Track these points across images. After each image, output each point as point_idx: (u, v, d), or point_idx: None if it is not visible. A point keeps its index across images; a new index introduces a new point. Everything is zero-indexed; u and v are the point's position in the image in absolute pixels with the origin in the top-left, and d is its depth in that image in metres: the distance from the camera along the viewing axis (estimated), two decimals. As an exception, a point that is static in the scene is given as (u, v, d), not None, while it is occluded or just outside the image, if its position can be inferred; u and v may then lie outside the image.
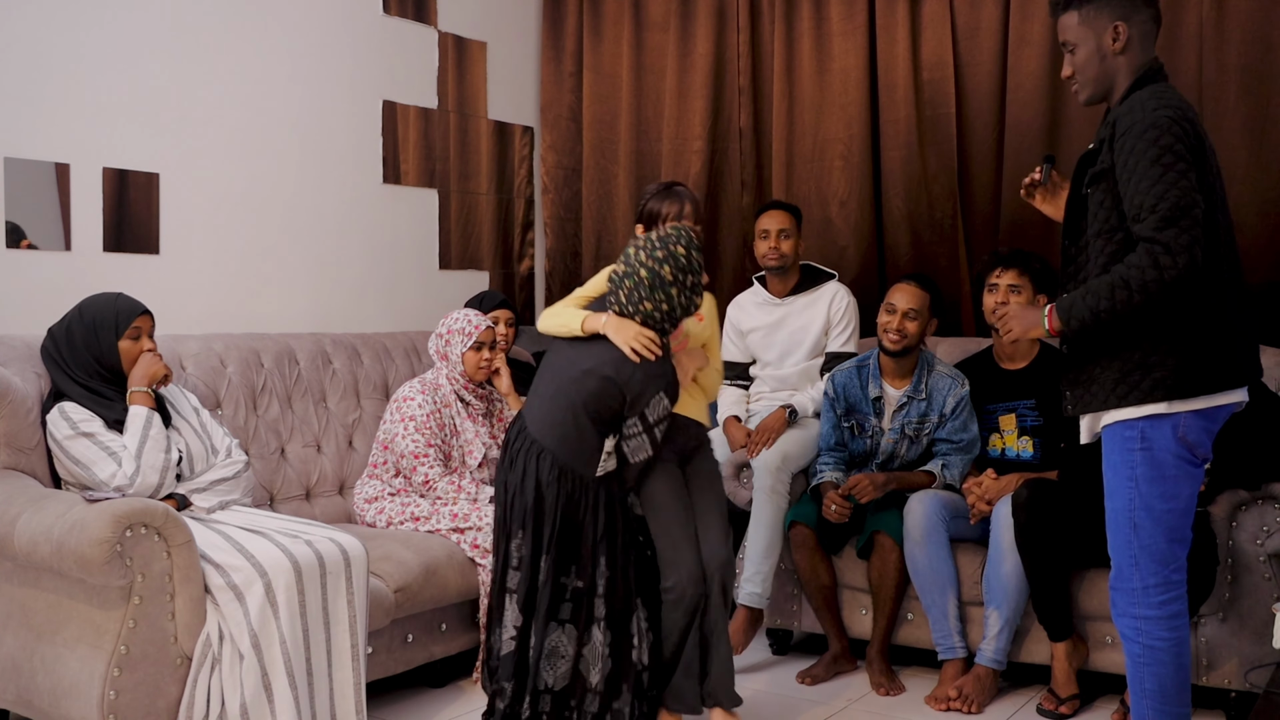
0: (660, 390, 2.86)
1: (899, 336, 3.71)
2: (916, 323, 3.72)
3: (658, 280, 2.82)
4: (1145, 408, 2.45)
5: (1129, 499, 2.49)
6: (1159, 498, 2.47)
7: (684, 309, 2.88)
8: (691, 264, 2.85)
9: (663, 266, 2.82)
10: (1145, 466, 2.46)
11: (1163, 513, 2.47)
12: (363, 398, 4.11)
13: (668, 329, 2.90)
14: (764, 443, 3.88)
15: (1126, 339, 2.47)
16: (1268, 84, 3.92)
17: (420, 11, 4.75)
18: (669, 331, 2.93)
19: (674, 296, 2.84)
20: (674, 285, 2.83)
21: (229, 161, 4.07)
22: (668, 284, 2.82)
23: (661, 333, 2.89)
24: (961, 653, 3.53)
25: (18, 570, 2.89)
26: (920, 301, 3.72)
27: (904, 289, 3.75)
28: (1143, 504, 2.48)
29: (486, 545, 3.56)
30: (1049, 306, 2.57)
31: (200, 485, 3.13)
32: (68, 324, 3.14)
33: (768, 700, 3.56)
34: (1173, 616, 2.49)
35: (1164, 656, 2.48)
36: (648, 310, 2.85)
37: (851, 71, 4.61)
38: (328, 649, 2.90)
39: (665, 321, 2.87)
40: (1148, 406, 2.44)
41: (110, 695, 2.67)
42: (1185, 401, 2.43)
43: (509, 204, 5.18)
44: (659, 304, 2.83)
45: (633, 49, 5.12)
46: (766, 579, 3.79)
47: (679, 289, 2.84)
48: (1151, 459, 2.46)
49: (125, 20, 3.75)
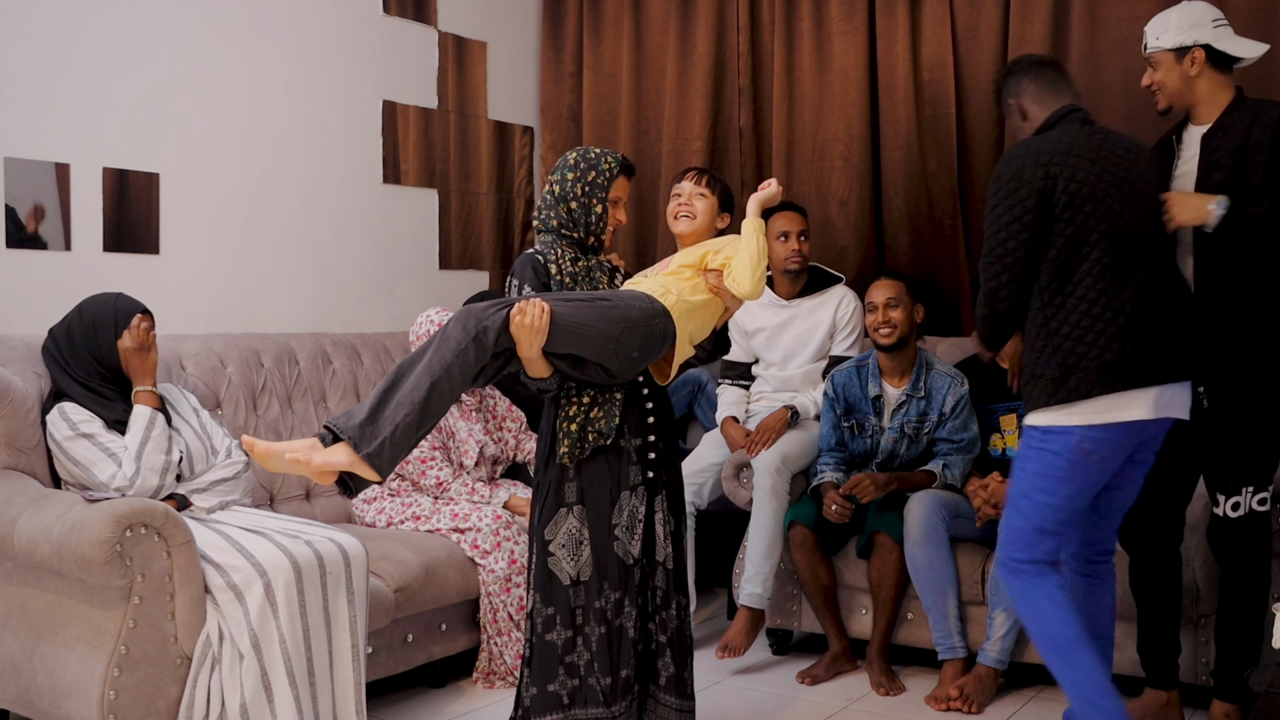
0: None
1: (888, 329, 3.73)
2: (900, 309, 3.74)
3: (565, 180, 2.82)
4: (1043, 415, 2.75)
5: (1017, 482, 2.81)
6: (1039, 490, 2.76)
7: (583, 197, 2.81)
8: (596, 157, 2.82)
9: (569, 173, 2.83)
10: (1036, 461, 2.76)
11: (1041, 504, 2.76)
12: (363, 398, 4.11)
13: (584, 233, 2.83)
14: (764, 442, 3.88)
15: (1030, 348, 2.81)
16: (1267, 84, 3.91)
17: (420, 11, 4.75)
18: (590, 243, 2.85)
19: (569, 180, 2.80)
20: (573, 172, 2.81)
21: (229, 161, 4.07)
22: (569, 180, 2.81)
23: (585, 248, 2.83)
24: (962, 653, 3.53)
25: (18, 570, 2.89)
26: (895, 289, 3.75)
27: (876, 285, 3.81)
28: (1025, 490, 2.78)
29: (486, 545, 3.56)
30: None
31: (200, 485, 3.13)
32: (68, 323, 3.14)
33: (768, 700, 3.56)
34: (1038, 584, 2.77)
35: (1039, 606, 2.77)
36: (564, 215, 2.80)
37: (851, 71, 4.61)
38: (328, 649, 2.90)
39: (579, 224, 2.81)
40: (1044, 414, 2.74)
41: (110, 695, 2.67)
42: (1078, 414, 2.69)
43: (509, 204, 5.18)
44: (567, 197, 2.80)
45: (633, 49, 5.12)
46: (767, 579, 3.79)
47: (579, 180, 2.81)
48: (1043, 455, 2.74)
49: (126, 20, 3.75)
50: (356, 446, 2.35)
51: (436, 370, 2.42)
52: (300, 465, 2.35)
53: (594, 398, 2.72)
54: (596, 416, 2.71)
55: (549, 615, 2.72)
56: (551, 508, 2.74)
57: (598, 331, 2.57)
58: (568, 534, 2.72)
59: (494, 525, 3.60)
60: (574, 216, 2.81)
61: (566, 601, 2.70)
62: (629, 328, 2.59)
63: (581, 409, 2.71)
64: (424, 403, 2.40)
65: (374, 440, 2.36)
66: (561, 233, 2.82)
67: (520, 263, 2.81)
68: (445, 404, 2.45)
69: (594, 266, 2.84)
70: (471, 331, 2.46)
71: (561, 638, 2.70)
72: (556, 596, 2.71)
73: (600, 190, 2.81)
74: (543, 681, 2.71)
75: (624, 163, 2.86)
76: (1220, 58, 2.96)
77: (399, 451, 2.39)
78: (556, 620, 2.71)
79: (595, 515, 2.71)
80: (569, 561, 2.71)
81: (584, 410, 2.71)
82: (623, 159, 2.86)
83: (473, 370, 2.48)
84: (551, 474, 2.75)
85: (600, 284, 2.81)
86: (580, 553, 2.71)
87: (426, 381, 2.41)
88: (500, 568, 3.55)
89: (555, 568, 2.71)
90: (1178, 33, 2.96)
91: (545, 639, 2.71)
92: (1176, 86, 2.99)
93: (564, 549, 2.71)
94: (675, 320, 2.67)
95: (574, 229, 2.82)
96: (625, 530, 2.72)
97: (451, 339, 2.45)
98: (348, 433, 2.36)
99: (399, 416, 2.38)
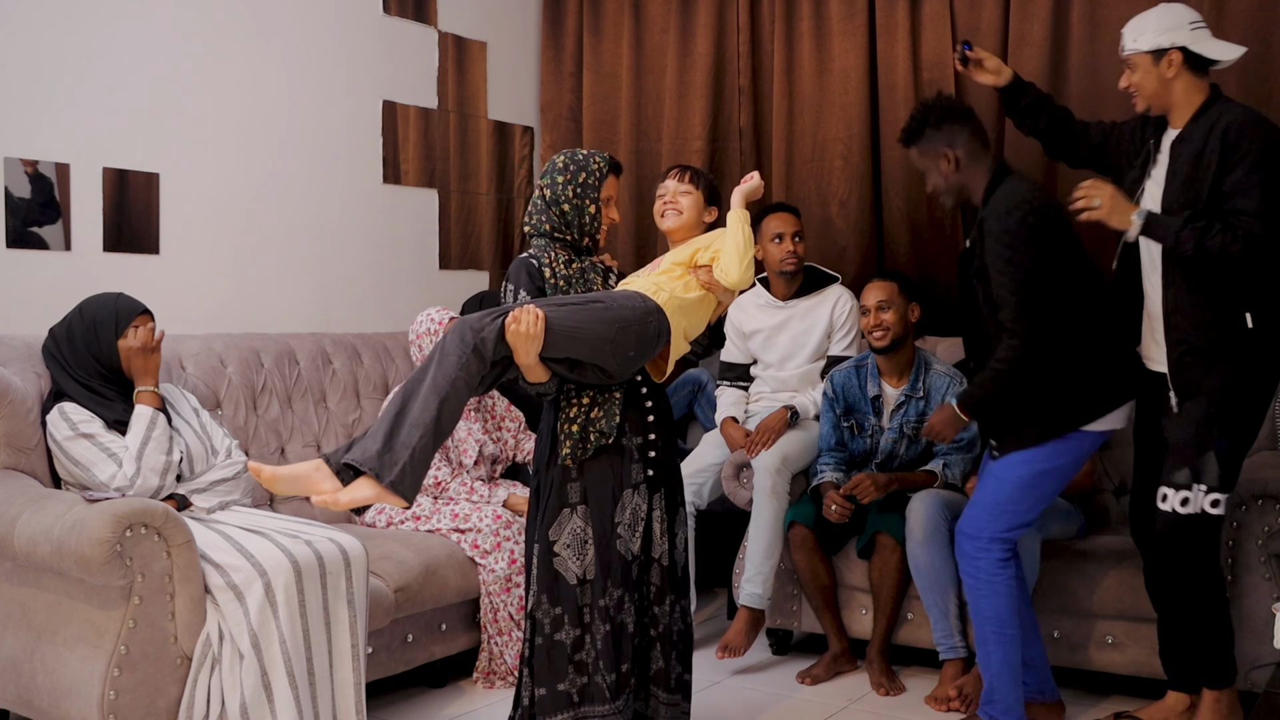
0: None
1: (881, 331, 3.74)
2: (892, 311, 3.74)
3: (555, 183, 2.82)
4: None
5: (1021, 477, 3.08)
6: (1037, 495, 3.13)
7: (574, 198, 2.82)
8: (584, 158, 2.83)
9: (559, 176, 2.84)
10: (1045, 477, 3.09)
11: (1036, 501, 3.13)
12: (363, 398, 4.11)
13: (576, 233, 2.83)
14: (764, 443, 3.88)
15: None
16: (1268, 84, 3.92)
17: (420, 11, 4.75)
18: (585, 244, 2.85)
19: (559, 183, 2.81)
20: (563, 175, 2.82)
21: (229, 161, 4.07)
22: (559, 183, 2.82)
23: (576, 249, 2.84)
24: (962, 653, 3.53)
25: (18, 570, 2.89)
26: (887, 291, 3.76)
27: (869, 288, 3.82)
28: (1026, 488, 3.09)
29: (486, 545, 3.56)
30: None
31: (200, 486, 3.13)
32: (68, 323, 3.14)
33: (768, 700, 3.56)
34: (1005, 564, 3.10)
35: (999, 588, 3.09)
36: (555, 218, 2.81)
37: (851, 71, 4.61)
38: (328, 649, 2.90)
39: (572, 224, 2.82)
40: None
41: (110, 695, 2.67)
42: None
43: (509, 204, 5.18)
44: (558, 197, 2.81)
45: (633, 49, 5.11)
46: (767, 580, 3.79)
47: (569, 182, 2.81)
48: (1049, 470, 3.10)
49: (126, 20, 3.75)
50: (379, 477, 2.37)
51: (443, 388, 2.43)
52: (328, 503, 2.38)
53: (594, 398, 2.73)
54: (597, 416, 2.71)
55: (557, 615, 2.72)
56: (555, 509, 2.74)
57: (593, 334, 2.58)
58: (572, 534, 2.72)
59: (494, 525, 3.60)
60: (567, 219, 2.81)
61: (574, 600, 2.71)
62: (623, 328, 2.60)
63: (582, 410, 2.71)
64: (435, 421, 2.42)
65: (394, 467, 2.38)
66: (555, 236, 2.83)
67: (515, 268, 2.81)
68: (455, 418, 2.48)
69: (588, 268, 2.84)
70: (470, 343, 2.48)
71: (570, 636, 2.71)
72: (564, 596, 2.72)
73: (592, 191, 2.82)
74: (552, 681, 2.71)
75: (612, 162, 2.88)
76: (1197, 60, 2.97)
77: (419, 474, 2.42)
78: (565, 620, 2.72)
79: (599, 514, 2.72)
80: (575, 561, 2.72)
81: (584, 411, 2.71)
82: (610, 158, 2.88)
83: (475, 381, 2.50)
84: (553, 475, 2.76)
85: (595, 285, 2.82)
86: (585, 552, 2.72)
87: (435, 401, 2.42)
88: (501, 567, 3.55)
89: (561, 568, 2.72)
90: (1155, 35, 2.96)
91: (554, 639, 2.72)
92: (1154, 88, 3.00)
93: (569, 549, 2.72)
94: (669, 317, 2.68)
95: (567, 231, 2.82)
96: (628, 528, 2.73)
97: (451, 353, 2.46)
98: (368, 465, 2.37)
99: (414, 440, 2.40)
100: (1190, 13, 3.00)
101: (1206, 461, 2.93)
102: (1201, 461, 2.93)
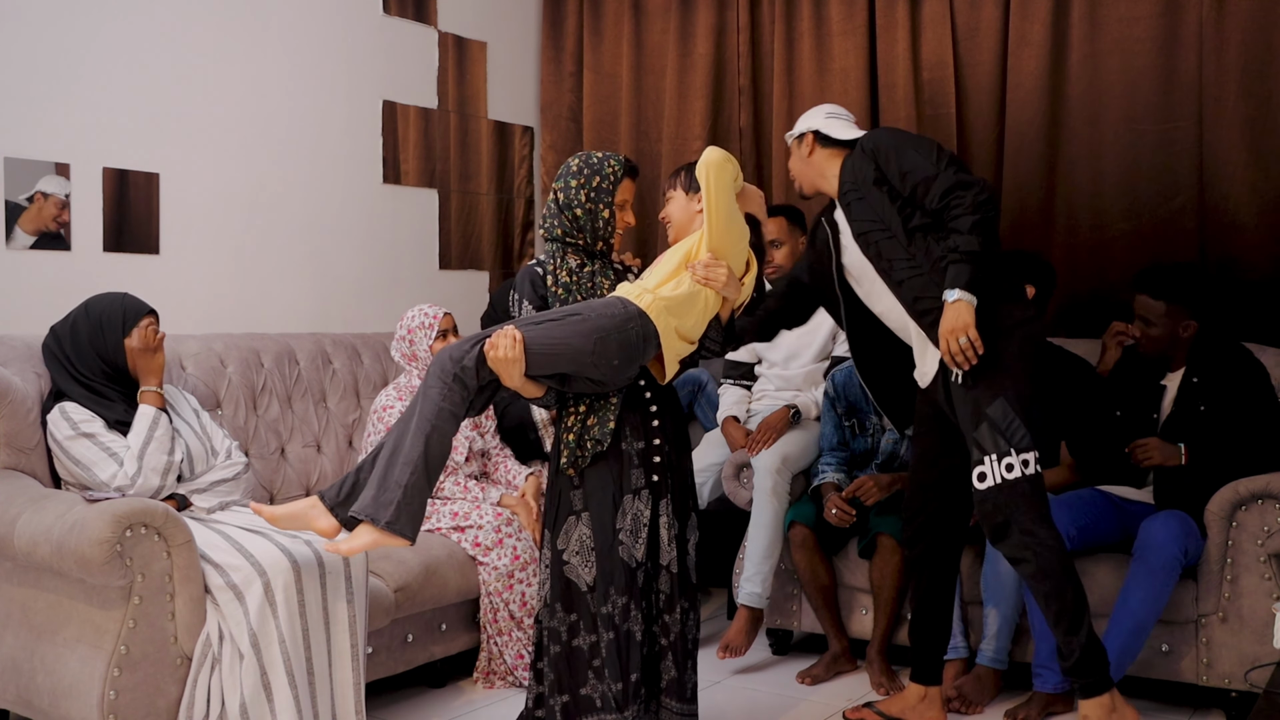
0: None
1: None
2: None
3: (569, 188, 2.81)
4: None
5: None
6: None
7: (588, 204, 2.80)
8: (599, 162, 2.82)
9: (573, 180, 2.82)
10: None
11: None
12: (363, 398, 4.11)
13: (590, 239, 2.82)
14: (765, 442, 3.88)
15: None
16: (1268, 84, 3.92)
17: (420, 11, 4.75)
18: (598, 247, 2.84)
19: (573, 187, 2.79)
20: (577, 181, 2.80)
21: (229, 161, 4.07)
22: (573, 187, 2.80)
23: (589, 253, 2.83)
24: (963, 653, 3.53)
25: (18, 570, 2.89)
26: None
27: None
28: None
29: (488, 542, 3.57)
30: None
31: (200, 486, 3.13)
32: (73, 321, 3.14)
33: (768, 700, 3.56)
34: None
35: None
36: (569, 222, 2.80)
37: (851, 71, 4.61)
38: (327, 649, 2.90)
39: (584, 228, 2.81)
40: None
41: (110, 695, 2.67)
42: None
43: (509, 204, 5.18)
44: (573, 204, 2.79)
45: (633, 49, 5.12)
46: (766, 579, 3.79)
47: (583, 188, 2.79)
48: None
49: (125, 20, 3.75)
50: (374, 521, 2.48)
51: (428, 422, 2.52)
52: (333, 548, 2.53)
53: (590, 406, 2.73)
54: (592, 424, 2.72)
55: (573, 622, 2.72)
56: (562, 517, 2.75)
57: (571, 348, 2.59)
58: (579, 541, 2.73)
59: (495, 522, 3.60)
60: (579, 223, 2.79)
61: (588, 607, 2.72)
62: (602, 338, 2.59)
63: (578, 418, 2.73)
64: (424, 456, 2.50)
65: (389, 508, 2.48)
66: (566, 240, 2.82)
67: (520, 277, 2.84)
68: (444, 450, 2.56)
69: (598, 271, 2.83)
70: (450, 373, 2.54)
71: (587, 642, 2.72)
72: (577, 603, 2.72)
73: (606, 195, 2.79)
74: (574, 687, 2.71)
75: (628, 165, 2.85)
76: (828, 140, 3.17)
77: (415, 511, 2.51)
78: (580, 626, 2.72)
79: (599, 521, 2.72)
80: (585, 569, 2.72)
81: (580, 419, 2.73)
82: (626, 161, 2.85)
83: (462, 408, 2.57)
84: (560, 484, 2.77)
85: (603, 287, 2.81)
86: (591, 559, 2.72)
87: (420, 437, 2.51)
88: (503, 564, 3.55)
89: (572, 575, 2.72)
90: (798, 127, 3.23)
91: (573, 645, 2.72)
92: (799, 168, 3.22)
93: (578, 555, 2.72)
94: (655, 319, 2.66)
95: (579, 235, 2.80)
96: (630, 534, 2.72)
97: (433, 387, 2.54)
98: (365, 513, 2.49)
99: (405, 477, 2.49)
100: (830, 106, 3.25)
101: (1001, 426, 2.91)
102: (997, 426, 2.92)
